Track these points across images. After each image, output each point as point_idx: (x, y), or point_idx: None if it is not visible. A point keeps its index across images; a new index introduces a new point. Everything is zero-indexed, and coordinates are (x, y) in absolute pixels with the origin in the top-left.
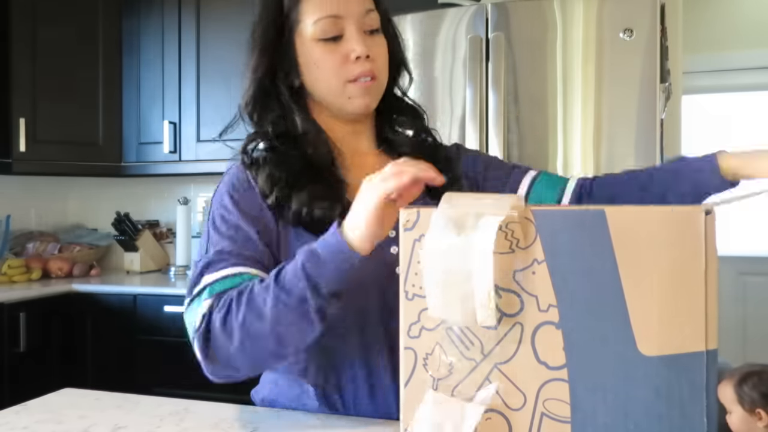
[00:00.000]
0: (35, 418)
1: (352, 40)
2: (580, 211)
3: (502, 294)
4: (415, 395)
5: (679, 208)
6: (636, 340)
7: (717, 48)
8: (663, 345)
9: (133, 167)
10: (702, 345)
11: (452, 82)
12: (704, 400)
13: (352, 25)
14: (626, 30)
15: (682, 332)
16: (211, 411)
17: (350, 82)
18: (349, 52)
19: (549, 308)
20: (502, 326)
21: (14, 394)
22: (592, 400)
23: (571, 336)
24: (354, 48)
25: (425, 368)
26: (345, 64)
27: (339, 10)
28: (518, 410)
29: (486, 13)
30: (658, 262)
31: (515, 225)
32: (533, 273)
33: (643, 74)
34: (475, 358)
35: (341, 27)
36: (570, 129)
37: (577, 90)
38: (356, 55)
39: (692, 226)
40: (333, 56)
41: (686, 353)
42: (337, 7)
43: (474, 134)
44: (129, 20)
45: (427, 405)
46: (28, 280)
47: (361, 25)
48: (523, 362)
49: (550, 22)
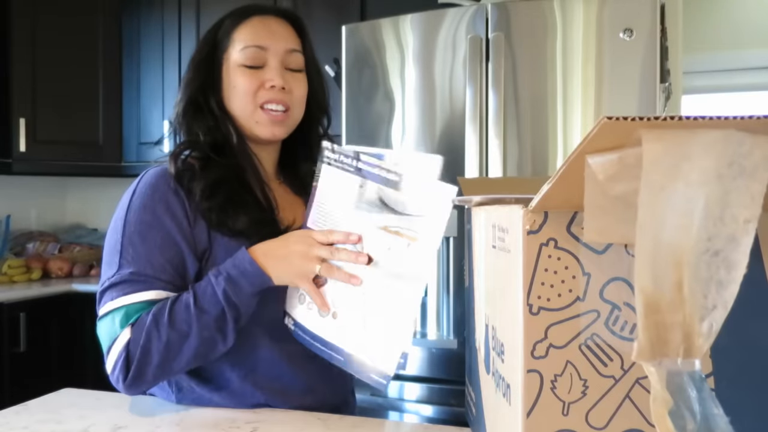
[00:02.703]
0: (35, 418)
1: (271, 71)
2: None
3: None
4: (542, 423)
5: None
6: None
7: (717, 48)
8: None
9: (133, 167)
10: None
11: (452, 82)
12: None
13: (274, 58)
14: (626, 30)
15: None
16: (210, 411)
17: (261, 109)
18: (266, 80)
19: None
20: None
21: (14, 394)
22: (739, 407)
23: (718, 341)
24: (272, 78)
25: (553, 392)
26: (259, 90)
27: (265, 42)
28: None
29: (486, 13)
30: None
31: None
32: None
33: (643, 74)
34: (614, 375)
35: (264, 58)
36: (570, 129)
37: (577, 90)
38: (271, 84)
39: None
40: (251, 81)
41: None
42: (263, 40)
43: (474, 134)
44: (129, 20)
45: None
46: (28, 280)
47: (283, 61)
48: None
49: (550, 22)
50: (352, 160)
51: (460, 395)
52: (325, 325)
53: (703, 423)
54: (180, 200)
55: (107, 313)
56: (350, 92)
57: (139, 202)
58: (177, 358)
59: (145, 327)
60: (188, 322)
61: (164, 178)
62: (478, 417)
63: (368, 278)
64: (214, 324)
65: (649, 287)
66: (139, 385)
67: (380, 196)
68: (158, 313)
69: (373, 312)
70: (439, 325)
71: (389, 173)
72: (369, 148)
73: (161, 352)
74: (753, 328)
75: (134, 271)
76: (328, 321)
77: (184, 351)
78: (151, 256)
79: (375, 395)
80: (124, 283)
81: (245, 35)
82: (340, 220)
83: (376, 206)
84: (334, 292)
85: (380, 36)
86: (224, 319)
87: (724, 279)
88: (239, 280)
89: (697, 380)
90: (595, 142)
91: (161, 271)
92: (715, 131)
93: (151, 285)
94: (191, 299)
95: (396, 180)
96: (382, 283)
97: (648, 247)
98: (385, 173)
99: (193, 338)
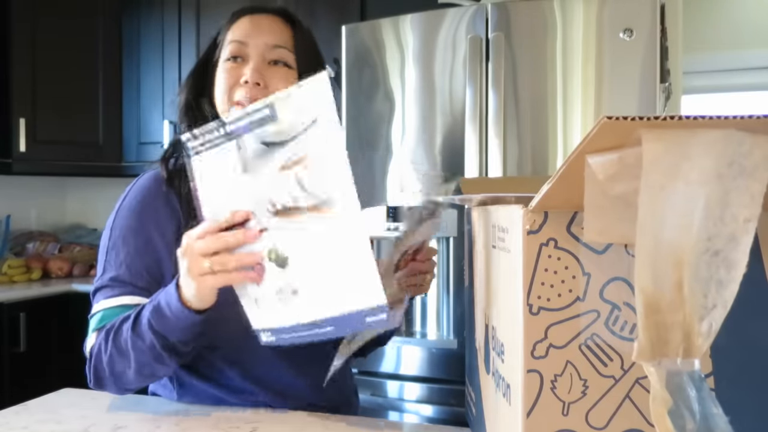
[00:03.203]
0: (35, 418)
1: (248, 67)
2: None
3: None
4: (542, 423)
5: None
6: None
7: (717, 48)
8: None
9: (133, 167)
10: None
11: (452, 82)
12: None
13: (255, 53)
14: (626, 30)
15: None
16: (210, 411)
17: (235, 105)
18: (241, 76)
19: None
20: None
21: (14, 394)
22: (739, 407)
23: (718, 340)
24: (245, 73)
25: (553, 392)
26: (234, 86)
27: (247, 37)
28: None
29: (486, 13)
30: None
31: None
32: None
33: (643, 74)
34: (614, 375)
35: (246, 53)
36: (570, 129)
37: (577, 90)
38: (245, 79)
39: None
40: (229, 77)
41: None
42: (246, 35)
43: (474, 134)
44: (129, 20)
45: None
46: (28, 280)
47: (264, 55)
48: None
49: (550, 22)
50: (218, 128)
51: (460, 395)
52: (294, 309)
53: (702, 422)
54: (170, 204)
55: (91, 316)
56: (350, 92)
57: (127, 206)
58: (124, 374)
59: (100, 336)
60: (126, 344)
61: (156, 182)
62: (478, 417)
63: (302, 228)
64: (149, 352)
65: (650, 287)
66: (103, 388)
67: (262, 140)
68: (111, 327)
69: (327, 258)
70: (439, 325)
71: (258, 111)
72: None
73: (108, 364)
74: (753, 328)
75: (113, 276)
76: (295, 303)
77: (126, 368)
78: (131, 262)
79: (375, 395)
80: (106, 288)
81: (232, 33)
82: (236, 192)
83: (263, 154)
84: (289, 269)
85: (380, 36)
86: (154, 347)
87: (723, 278)
88: (164, 310)
89: (696, 380)
90: (595, 141)
91: (138, 277)
92: (715, 131)
93: (127, 290)
94: (131, 322)
95: (268, 112)
96: (317, 224)
97: (648, 246)
98: (255, 114)
99: (132, 360)
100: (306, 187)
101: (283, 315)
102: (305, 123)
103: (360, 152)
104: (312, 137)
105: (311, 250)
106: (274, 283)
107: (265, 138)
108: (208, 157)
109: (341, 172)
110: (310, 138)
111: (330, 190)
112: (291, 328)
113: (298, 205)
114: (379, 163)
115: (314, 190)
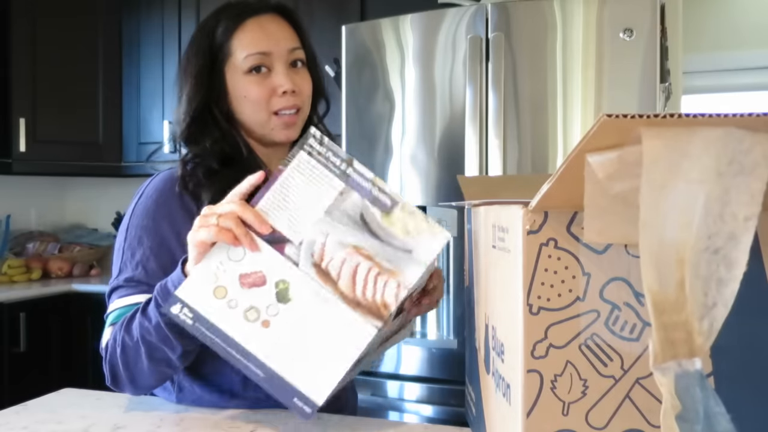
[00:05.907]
0: (35, 418)
1: (280, 76)
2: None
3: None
4: (542, 423)
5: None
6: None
7: (717, 48)
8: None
9: (132, 167)
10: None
11: (452, 82)
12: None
13: (279, 61)
14: (626, 30)
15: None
16: (210, 411)
17: (275, 115)
18: (276, 86)
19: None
20: (644, 337)
21: (14, 394)
22: (739, 406)
23: (719, 340)
24: (282, 83)
25: (553, 392)
26: (272, 97)
27: (269, 47)
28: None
29: (486, 13)
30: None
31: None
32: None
33: (643, 74)
34: (614, 375)
35: (270, 62)
36: (570, 129)
37: (577, 90)
38: (283, 89)
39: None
40: (261, 89)
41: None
42: (267, 45)
43: (474, 134)
44: (129, 20)
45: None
46: (28, 280)
47: (288, 60)
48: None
49: (550, 22)
50: (341, 162)
51: (460, 395)
52: (249, 333)
53: (705, 421)
54: (184, 205)
55: (107, 315)
56: (350, 92)
57: (142, 206)
58: (137, 365)
59: (114, 330)
60: (136, 329)
61: (171, 182)
62: (478, 417)
63: (322, 296)
64: (155, 333)
65: (655, 286)
66: (119, 386)
67: (363, 213)
68: (124, 319)
69: (317, 334)
70: (439, 325)
71: (382, 194)
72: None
73: (121, 355)
74: (753, 328)
75: (129, 276)
76: (256, 329)
77: (137, 358)
78: (146, 262)
79: (375, 395)
80: (121, 288)
81: (245, 42)
82: (302, 216)
83: (353, 222)
84: (280, 307)
85: (380, 36)
86: (160, 327)
87: (724, 277)
88: (168, 287)
89: (698, 379)
90: (594, 140)
91: (153, 277)
92: (714, 129)
93: (142, 290)
94: (140, 307)
95: (388, 204)
96: (336, 306)
97: (652, 246)
98: (377, 192)
99: (141, 345)
100: (360, 279)
101: (232, 325)
102: (405, 245)
103: (360, 152)
104: (402, 262)
105: (313, 316)
106: (256, 300)
107: (366, 216)
108: (314, 166)
109: (399, 299)
110: (399, 260)
111: (378, 302)
112: (224, 338)
113: (341, 282)
114: (379, 163)
115: (365, 289)
